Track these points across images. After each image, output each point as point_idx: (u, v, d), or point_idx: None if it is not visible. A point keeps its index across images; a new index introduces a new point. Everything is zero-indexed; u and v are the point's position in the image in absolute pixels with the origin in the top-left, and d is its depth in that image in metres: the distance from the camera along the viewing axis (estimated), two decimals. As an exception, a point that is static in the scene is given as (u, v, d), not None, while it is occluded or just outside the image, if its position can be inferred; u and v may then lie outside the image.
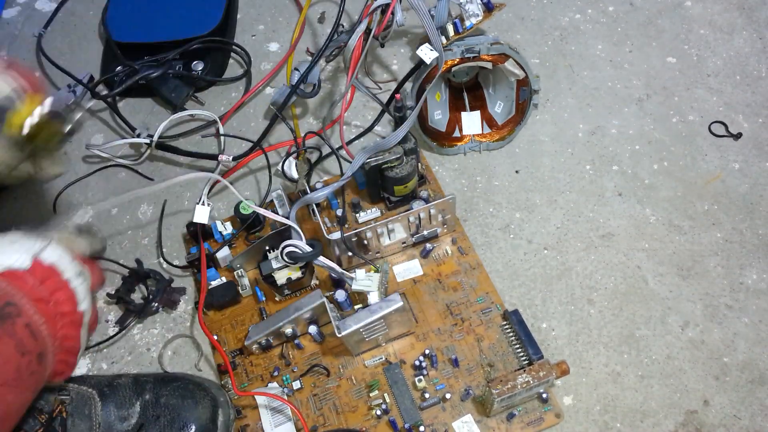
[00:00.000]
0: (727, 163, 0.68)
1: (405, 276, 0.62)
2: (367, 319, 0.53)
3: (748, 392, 0.55)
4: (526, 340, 0.55)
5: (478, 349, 0.57)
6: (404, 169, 0.60)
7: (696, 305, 0.60)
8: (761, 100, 0.73)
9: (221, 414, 0.54)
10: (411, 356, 0.57)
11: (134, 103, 0.80)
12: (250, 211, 0.62)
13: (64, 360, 0.46)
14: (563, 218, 0.66)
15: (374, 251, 0.62)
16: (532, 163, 0.70)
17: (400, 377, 0.56)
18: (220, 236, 0.65)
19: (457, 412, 0.54)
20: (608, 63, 0.78)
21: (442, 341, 0.58)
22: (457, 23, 0.62)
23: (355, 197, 0.66)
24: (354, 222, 0.65)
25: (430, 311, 0.60)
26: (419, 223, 0.60)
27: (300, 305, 0.56)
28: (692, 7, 0.82)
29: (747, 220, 0.64)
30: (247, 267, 0.63)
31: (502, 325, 0.58)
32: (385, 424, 0.54)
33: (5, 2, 0.92)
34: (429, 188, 0.67)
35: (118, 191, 0.72)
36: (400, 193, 0.63)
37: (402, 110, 0.58)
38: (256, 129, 0.75)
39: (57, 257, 0.46)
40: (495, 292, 0.60)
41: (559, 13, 0.83)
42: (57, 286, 0.45)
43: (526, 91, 0.67)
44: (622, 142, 0.71)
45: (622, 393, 0.56)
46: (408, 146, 0.60)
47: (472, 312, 0.59)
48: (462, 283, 0.61)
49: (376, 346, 0.58)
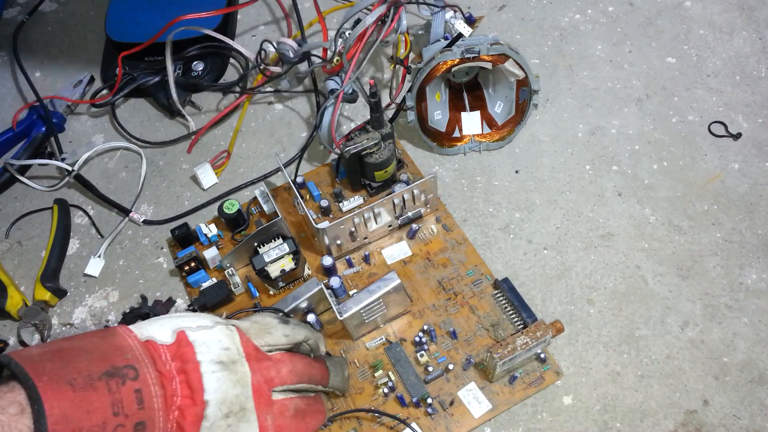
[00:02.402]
0: (726, 163, 0.69)
1: (395, 258, 0.63)
2: (366, 299, 0.54)
3: (747, 392, 0.55)
4: (519, 305, 0.57)
5: (476, 319, 0.59)
6: (383, 154, 0.63)
7: (696, 305, 0.60)
8: (761, 100, 0.73)
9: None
10: (410, 334, 0.58)
11: (134, 104, 0.80)
12: (235, 209, 0.63)
13: None
14: (563, 218, 0.66)
15: (362, 237, 0.63)
16: (532, 163, 0.70)
17: (402, 355, 0.57)
18: (205, 239, 0.65)
19: (461, 381, 0.56)
20: (608, 63, 0.78)
21: (438, 316, 0.59)
22: (448, 37, 0.67)
23: (337, 187, 0.67)
24: (338, 212, 0.66)
25: (423, 289, 0.61)
26: (404, 204, 0.62)
27: (298, 294, 0.56)
28: (692, 8, 0.82)
29: (747, 220, 0.64)
30: (237, 265, 0.63)
31: (494, 294, 0.60)
32: (393, 400, 0.55)
33: (5, 2, 0.92)
34: (407, 171, 0.69)
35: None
36: (380, 178, 0.65)
37: (376, 96, 0.60)
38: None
39: (203, 337, 0.43)
40: (483, 263, 0.62)
41: (559, 14, 0.83)
42: (184, 366, 0.42)
43: (525, 91, 0.67)
44: (621, 142, 0.71)
45: (622, 393, 0.56)
46: (384, 131, 0.62)
47: (463, 285, 0.61)
48: (451, 259, 0.63)
49: (375, 328, 0.59)
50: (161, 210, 0.71)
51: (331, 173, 0.69)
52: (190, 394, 0.42)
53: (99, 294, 0.65)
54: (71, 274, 0.67)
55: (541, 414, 0.55)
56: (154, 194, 0.72)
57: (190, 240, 0.65)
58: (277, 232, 0.61)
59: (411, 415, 0.54)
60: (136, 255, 0.67)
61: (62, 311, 0.65)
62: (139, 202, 0.71)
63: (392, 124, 0.65)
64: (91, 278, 0.66)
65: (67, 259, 0.68)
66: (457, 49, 0.63)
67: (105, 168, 0.75)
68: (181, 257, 0.62)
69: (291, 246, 0.60)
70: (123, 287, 0.65)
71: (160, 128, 0.77)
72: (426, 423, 0.54)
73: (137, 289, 0.65)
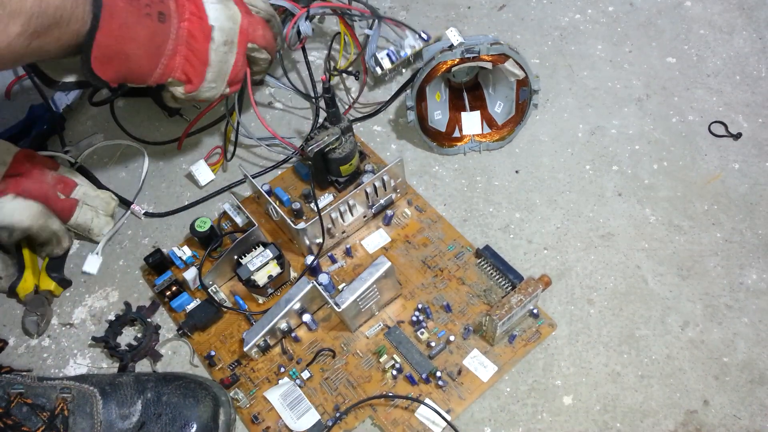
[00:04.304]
0: (726, 163, 0.69)
1: (376, 246, 0.65)
2: (361, 287, 0.55)
3: (748, 392, 0.55)
4: (505, 268, 0.60)
5: (466, 289, 0.61)
6: (345, 148, 0.64)
7: (696, 305, 0.60)
8: (761, 100, 0.73)
9: (222, 413, 0.54)
10: (406, 315, 0.60)
11: (134, 103, 0.80)
12: (207, 227, 0.62)
13: (189, 60, 0.55)
14: (563, 218, 0.66)
15: (340, 232, 0.64)
16: (532, 163, 0.70)
17: (402, 336, 0.58)
18: (180, 262, 0.64)
19: (464, 350, 0.58)
20: (608, 63, 0.78)
21: (430, 294, 0.61)
22: (390, 53, 0.73)
23: (305, 188, 0.68)
24: (310, 212, 0.67)
25: (409, 271, 0.63)
26: (375, 193, 0.63)
27: (290, 296, 0.57)
28: (692, 7, 0.82)
29: (747, 220, 0.64)
30: (220, 282, 0.63)
31: (477, 263, 0.62)
32: (404, 381, 0.57)
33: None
34: (370, 161, 0.70)
35: None
36: (346, 172, 0.66)
37: (330, 91, 0.60)
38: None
39: None
40: (461, 236, 0.64)
41: (559, 13, 0.83)
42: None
43: (526, 91, 0.67)
44: (621, 142, 0.71)
45: (622, 393, 0.56)
46: (343, 125, 0.63)
47: (447, 260, 0.63)
48: (429, 237, 0.65)
49: (371, 316, 0.60)
50: (161, 210, 0.71)
51: (294, 177, 0.70)
52: (198, 14, 0.55)
53: (99, 294, 0.65)
54: (71, 274, 0.67)
55: (541, 414, 0.55)
56: (154, 194, 0.72)
57: (165, 265, 0.64)
58: (255, 240, 0.61)
59: (423, 392, 0.56)
60: (136, 255, 0.67)
61: (62, 311, 0.65)
62: (139, 200, 0.71)
63: (348, 117, 0.67)
64: (90, 278, 0.66)
65: (67, 258, 0.68)
66: (457, 49, 0.63)
67: (105, 168, 0.75)
68: (160, 283, 0.61)
69: (274, 251, 0.60)
70: (123, 287, 0.65)
71: (160, 128, 0.77)
72: (439, 396, 0.56)
73: (137, 289, 0.65)
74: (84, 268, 0.66)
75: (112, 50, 0.51)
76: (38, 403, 0.51)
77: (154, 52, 0.54)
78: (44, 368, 0.61)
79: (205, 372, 0.59)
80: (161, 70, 0.55)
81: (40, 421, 0.50)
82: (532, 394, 0.56)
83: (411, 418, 0.55)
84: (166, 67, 0.55)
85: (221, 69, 0.58)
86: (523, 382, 0.56)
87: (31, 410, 0.50)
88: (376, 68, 0.74)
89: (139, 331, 0.62)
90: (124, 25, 0.50)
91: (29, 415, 0.50)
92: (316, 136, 0.62)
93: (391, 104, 0.76)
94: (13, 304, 0.66)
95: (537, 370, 0.57)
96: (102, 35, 0.49)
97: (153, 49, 0.53)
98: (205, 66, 0.57)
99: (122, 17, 0.50)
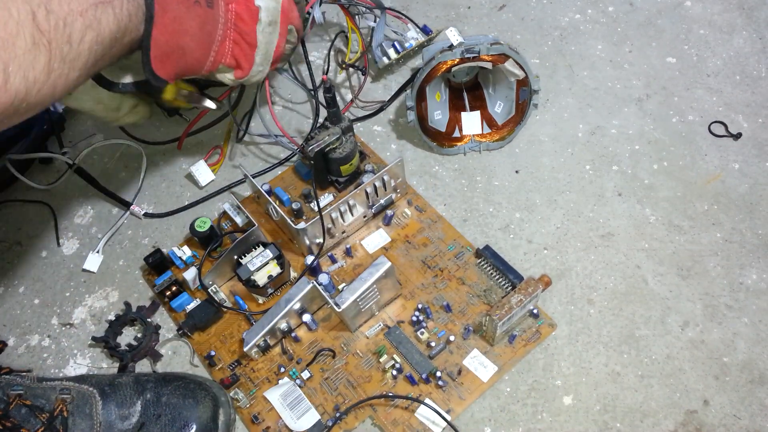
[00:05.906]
0: (726, 163, 0.68)
1: (376, 246, 0.64)
2: (361, 287, 0.55)
3: (748, 392, 0.55)
4: (505, 268, 0.60)
5: (466, 289, 0.61)
6: (346, 148, 0.64)
7: (696, 305, 0.60)
8: (761, 100, 0.73)
9: (222, 413, 0.54)
10: (406, 315, 0.60)
11: (134, 103, 0.80)
12: (207, 227, 0.62)
13: (237, 43, 0.55)
14: (563, 218, 0.66)
15: (340, 232, 0.63)
16: (532, 163, 0.70)
17: (402, 336, 0.58)
18: (180, 262, 0.64)
19: (464, 350, 0.58)
20: (608, 63, 0.78)
21: (429, 294, 0.61)
22: (395, 44, 0.73)
23: (305, 188, 0.68)
24: (310, 212, 0.67)
25: (409, 271, 0.62)
26: (376, 193, 0.63)
27: (290, 296, 0.56)
28: (692, 7, 0.82)
29: (747, 220, 0.64)
30: (220, 282, 0.63)
31: (477, 263, 0.62)
32: (404, 381, 0.57)
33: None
34: (371, 161, 0.70)
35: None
36: (347, 172, 0.66)
37: (331, 91, 0.60)
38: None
39: None
40: (461, 236, 0.64)
41: (559, 13, 0.83)
42: None
43: (526, 91, 0.67)
44: (621, 142, 0.71)
45: (622, 393, 0.56)
46: (343, 125, 0.62)
47: (447, 260, 0.63)
48: (429, 238, 0.65)
49: (371, 316, 0.60)
50: (161, 210, 0.71)
51: (295, 176, 0.70)
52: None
53: (99, 294, 0.65)
54: (71, 274, 0.67)
55: (541, 414, 0.55)
56: (154, 194, 0.72)
57: (165, 265, 0.64)
58: (255, 240, 0.61)
59: (423, 392, 0.56)
60: (136, 255, 0.67)
61: (62, 311, 0.65)
62: (139, 200, 0.71)
63: (348, 116, 0.67)
64: (90, 278, 0.66)
65: (67, 259, 0.68)
66: (457, 49, 0.63)
67: (105, 168, 0.75)
68: (160, 284, 0.61)
69: (274, 251, 0.60)
70: (123, 287, 0.65)
71: (160, 128, 0.77)
72: (439, 396, 0.55)
73: (137, 289, 0.65)
74: (84, 267, 0.66)
75: (169, 46, 0.50)
76: (37, 405, 0.51)
77: (206, 40, 0.53)
78: (44, 368, 0.61)
79: (205, 372, 0.59)
80: (213, 57, 0.54)
81: (40, 422, 0.50)
82: (532, 394, 0.56)
83: (411, 418, 0.55)
84: (217, 53, 0.54)
85: (267, 51, 0.57)
86: (523, 382, 0.56)
87: (30, 411, 0.50)
88: (383, 58, 0.73)
89: (139, 331, 0.62)
90: (177, 18, 0.49)
91: (28, 416, 0.50)
92: (316, 135, 0.62)
93: (391, 104, 0.76)
94: (13, 304, 0.66)
95: (537, 370, 0.57)
96: (158, 32, 0.48)
97: (204, 37, 0.52)
98: (254, 49, 0.56)
99: (174, 10, 0.49)
